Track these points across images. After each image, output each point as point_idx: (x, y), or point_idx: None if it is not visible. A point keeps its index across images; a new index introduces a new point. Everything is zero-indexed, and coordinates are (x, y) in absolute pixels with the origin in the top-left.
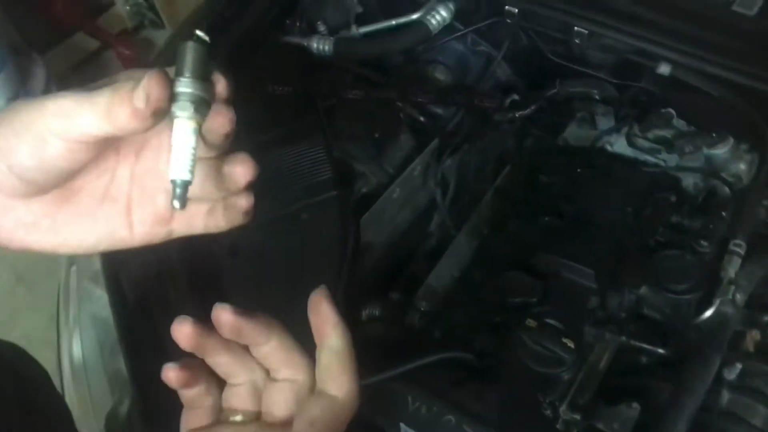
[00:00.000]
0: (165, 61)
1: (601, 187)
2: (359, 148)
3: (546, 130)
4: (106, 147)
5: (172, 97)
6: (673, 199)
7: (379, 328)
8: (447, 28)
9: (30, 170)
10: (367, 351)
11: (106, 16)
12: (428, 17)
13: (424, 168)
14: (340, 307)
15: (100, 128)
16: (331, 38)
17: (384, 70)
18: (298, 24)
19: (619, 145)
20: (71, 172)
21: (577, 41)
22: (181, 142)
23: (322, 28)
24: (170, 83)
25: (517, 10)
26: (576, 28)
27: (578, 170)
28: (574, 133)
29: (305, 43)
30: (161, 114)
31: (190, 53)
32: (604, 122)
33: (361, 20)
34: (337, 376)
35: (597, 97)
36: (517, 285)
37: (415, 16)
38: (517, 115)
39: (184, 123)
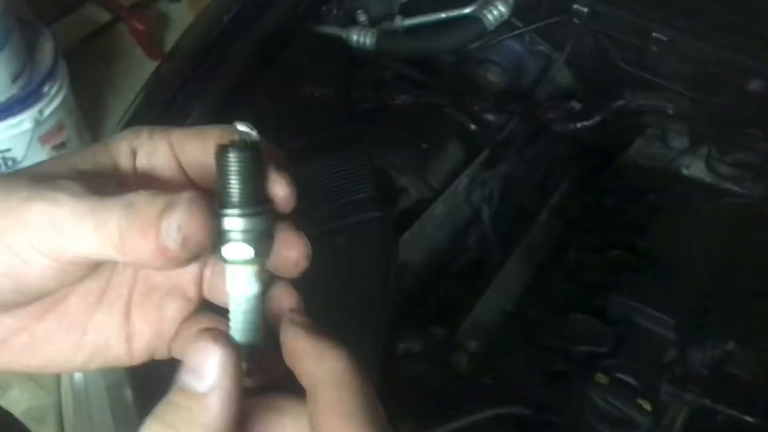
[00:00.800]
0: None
1: (679, 219)
2: (403, 160)
3: (608, 144)
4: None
5: (218, 235)
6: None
7: (419, 367)
8: (503, 25)
9: (2, 291)
10: (405, 392)
11: None
12: (484, 12)
13: (470, 181)
14: (382, 346)
15: (107, 255)
16: (373, 30)
17: (431, 69)
18: (335, 12)
19: (695, 168)
20: (58, 290)
21: (653, 48)
22: (239, 294)
23: (362, 18)
24: (213, 218)
25: (586, 10)
26: (654, 33)
27: (649, 195)
28: (641, 150)
29: (343, 35)
30: (199, 257)
31: (235, 168)
32: (677, 141)
33: (407, 11)
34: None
35: (671, 111)
36: (583, 331)
37: (468, 10)
38: (578, 126)
39: (240, 271)
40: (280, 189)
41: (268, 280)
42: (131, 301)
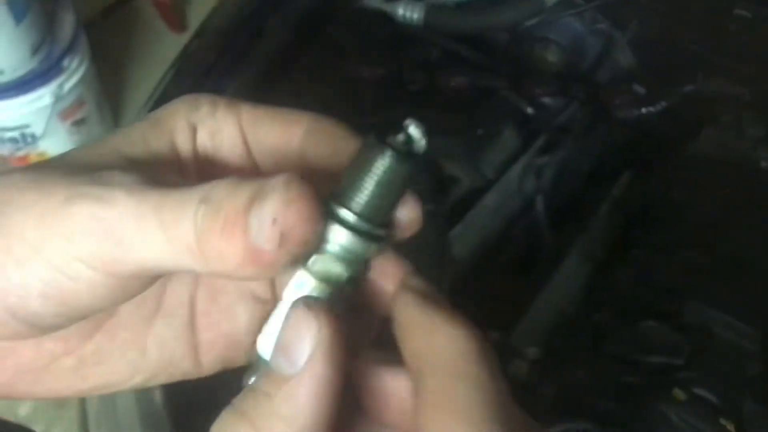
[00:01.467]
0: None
1: (760, 216)
2: (456, 147)
3: (675, 133)
4: None
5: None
6: None
7: None
8: (563, 2)
9: (43, 316)
10: None
11: None
12: None
13: (523, 169)
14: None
15: (180, 266)
16: (421, 4)
17: (483, 47)
18: None
19: None
20: (111, 308)
21: (732, 28)
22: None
23: None
24: (321, 211)
25: None
26: (736, 10)
27: (725, 189)
28: (712, 140)
29: (388, 9)
30: (298, 260)
31: (386, 177)
32: (754, 130)
33: None
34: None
35: (747, 97)
36: (656, 340)
37: None
38: (644, 112)
39: (315, 289)
40: (409, 211)
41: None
42: (195, 309)
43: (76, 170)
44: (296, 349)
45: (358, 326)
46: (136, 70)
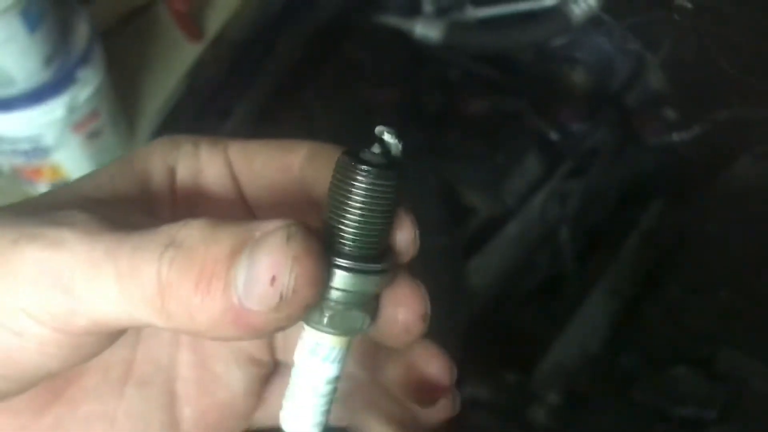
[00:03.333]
0: (222, 56)
1: None
2: (475, 174)
3: (707, 161)
4: None
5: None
6: None
7: (487, 419)
8: (591, 20)
9: None
10: None
11: None
12: (570, 4)
13: (547, 197)
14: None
15: (139, 320)
16: (441, 20)
17: (506, 67)
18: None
19: None
20: (65, 371)
21: None
22: (317, 373)
23: (428, 7)
24: (324, 264)
25: (691, 5)
26: None
27: (763, 223)
28: (747, 169)
29: (406, 27)
30: (294, 322)
31: (369, 197)
32: None
33: (479, 0)
34: None
35: None
36: (687, 388)
37: (551, 2)
38: (675, 138)
39: (327, 343)
40: (405, 232)
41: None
42: (176, 374)
43: (31, 211)
44: None
45: (371, 362)
46: (152, 79)
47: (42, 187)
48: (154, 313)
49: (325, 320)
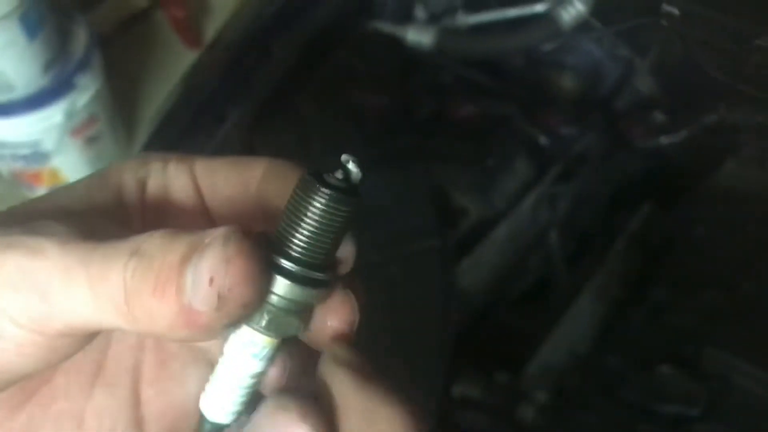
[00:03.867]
0: (216, 62)
1: None
2: (465, 177)
3: (694, 164)
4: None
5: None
6: None
7: (478, 417)
8: (581, 26)
9: None
10: None
11: None
12: (559, 10)
13: (537, 200)
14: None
15: (107, 324)
16: (433, 27)
17: (497, 73)
18: (389, 5)
19: None
20: (41, 372)
21: (754, 58)
22: (244, 367)
23: (420, 13)
24: (264, 266)
25: (678, 12)
26: (757, 41)
27: (748, 225)
28: (734, 172)
29: (398, 33)
30: (242, 321)
31: (326, 218)
32: None
33: (470, 6)
34: None
35: None
36: (672, 387)
37: (541, 8)
38: (663, 142)
39: (258, 342)
40: (347, 246)
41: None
42: (140, 375)
43: (10, 221)
44: None
45: (297, 361)
46: (151, 85)
47: (41, 191)
48: (121, 317)
49: (264, 323)
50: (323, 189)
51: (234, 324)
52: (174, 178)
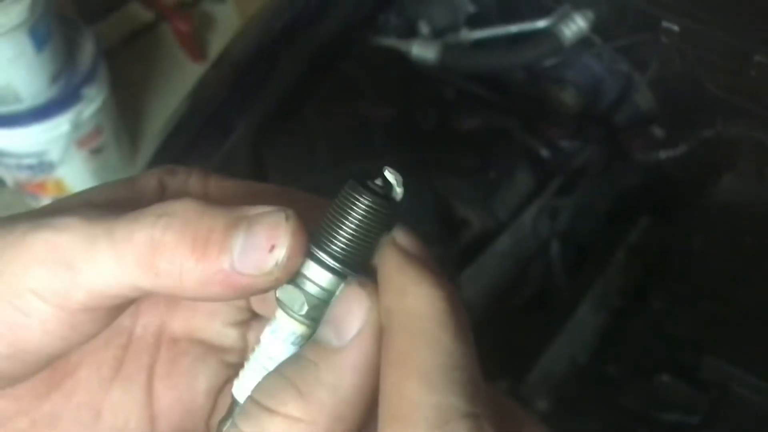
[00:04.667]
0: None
1: None
2: (468, 188)
3: (692, 178)
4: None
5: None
6: None
7: None
8: (581, 42)
9: None
10: None
11: None
12: (560, 26)
13: (537, 212)
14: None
15: (123, 283)
16: (437, 42)
17: (499, 87)
18: (393, 21)
19: None
20: (64, 354)
21: (752, 73)
22: (275, 352)
23: (424, 29)
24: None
25: (677, 28)
26: (756, 57)
27: (745, 238)
28: (731, 186)
29: (403, 48)
30: (277, 286)
31: (367, 222)
32: None
33: (474, 22)
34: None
35: None
36: (672, 395)
37: (543, 24)
38: (662, 156)
39: (292, 328)
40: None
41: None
42: (154, 372)
43: (40, 213)
44: (346, 324)
45: None
46: (156, 98)
47: (45, 201)
48: (144, 271)
49: (304, 311)
50: (365, 193)
51: (269, 289)
52: (191, 189)
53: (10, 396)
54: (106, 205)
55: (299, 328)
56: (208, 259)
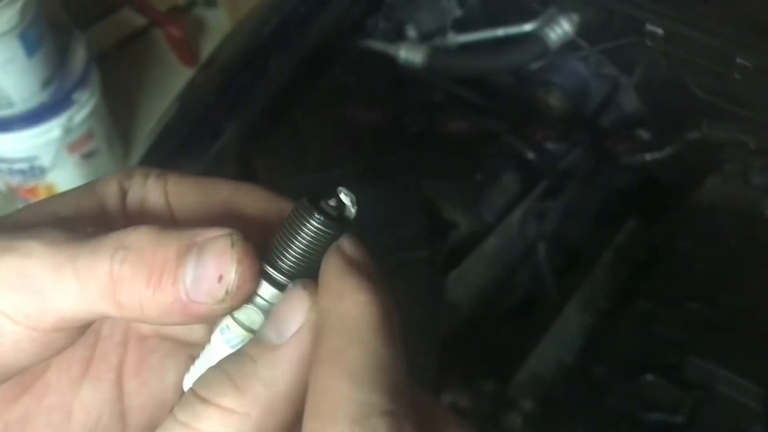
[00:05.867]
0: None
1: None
2: (455, 191)
3: (678, 179)
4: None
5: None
6: None
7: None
8: (567, 45)
9: None
10: None
11: None
12: (546, 30)
13: (524, 214)
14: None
15: (95, 311)
16: (424, 47)
17: (486, 91)
18: (381, 25)
19: None
20: (35, 366)
21: (736, 75)
22: (221, 353)
23: (411, 33)
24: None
25: (662, 31)
26: (739, 59)
27: (730, 239)
28: (717, 188)
29: (391, 52)
30: (231, 311)
31: (315, 240)
32: (760, 179)
33: (460, 26)
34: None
35: (752, 146)
36: (657, 395)
37: (529, 27)
38: (648, 158)
39: (238, 335)
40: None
41: None
42: (123, 369)
43: (8, 228)
44: (287, 323)
45: None
46: (147, 102)
47: None
48: (108, 304)
49: (236, 313)
50: (316, 213)
51: (227, 312)
52: (150, 192)
53: None
54: (72, 217)
55: (241, 333)
56: (163, 291)
